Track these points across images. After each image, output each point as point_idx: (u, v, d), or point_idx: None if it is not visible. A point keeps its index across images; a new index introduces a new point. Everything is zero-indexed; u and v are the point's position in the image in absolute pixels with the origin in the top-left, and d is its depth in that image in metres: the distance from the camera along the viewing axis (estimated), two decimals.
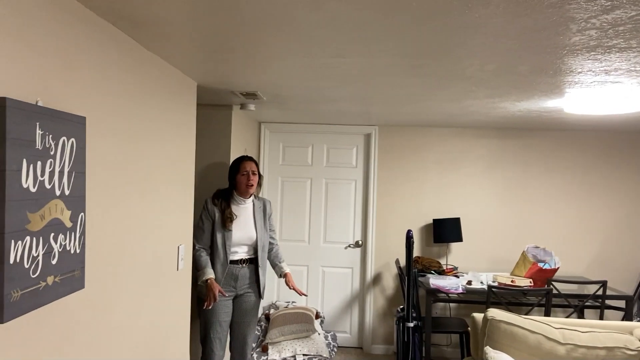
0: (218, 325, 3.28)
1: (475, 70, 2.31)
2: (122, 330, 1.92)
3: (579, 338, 2.67)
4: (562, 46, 1.88)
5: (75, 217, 1.49)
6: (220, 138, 3.71)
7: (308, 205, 5.12)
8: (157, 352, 2.30)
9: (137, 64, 2.00)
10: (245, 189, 3.33)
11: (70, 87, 1.51)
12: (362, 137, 5.06)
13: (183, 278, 2.66)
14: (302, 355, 4.36)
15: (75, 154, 1.48)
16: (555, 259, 4.24)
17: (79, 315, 1.59)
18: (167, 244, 2.40)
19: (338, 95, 3.15)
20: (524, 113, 3.71)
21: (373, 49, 1.99)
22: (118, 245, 1.87)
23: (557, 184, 4.91)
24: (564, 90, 2.77)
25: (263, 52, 2.12)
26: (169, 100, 2.38)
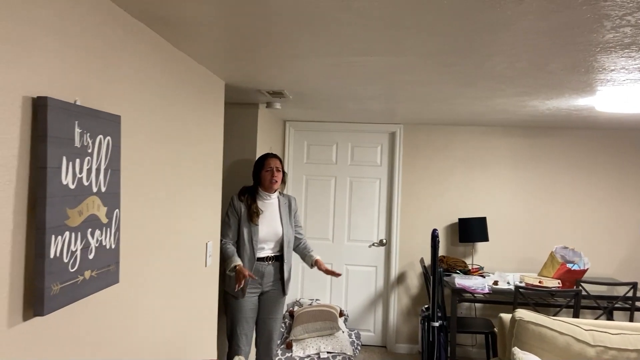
0: (244, 321, 3.32)
1: (504, 68, 2.29)
2: (153, 324, 1.96)
3: (610, 340, 2.62)
4: (595, 44, 1.85)
5: (111, 214, 1.53)
6: (246, 136, 3.75)
7: (332, 203, 5.13)
8: (186, 346, 2.34)
9: (169, 63, 2.04)
10: (270, 185, 3.37)
11: (106, 86, 1.55)
12: (386, 135, 5.05)
13: (211, 274, 2.70)
14: (326, 353, 4.37)
15: (111, 151, 1.52)
16: (584, 260, 4.17)
17: (113, 309, 1.63)
18: (196, 241, 2.44)
19: (364, 94, 3.15)
20: (553, 111, 3.65)
21: (402, 47, 1.99)
22: (149, 241, 1.91)
23: (586, 183, 4.82)
24: (595, 88, 2.72)
25: (291, 51, 2.14)
26: (198, 99, 2.41)
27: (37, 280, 1.22)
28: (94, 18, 1.47)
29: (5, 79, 1.13)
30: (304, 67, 2.43)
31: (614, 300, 4.07)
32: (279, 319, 3.53)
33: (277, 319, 3.50)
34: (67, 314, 1.37)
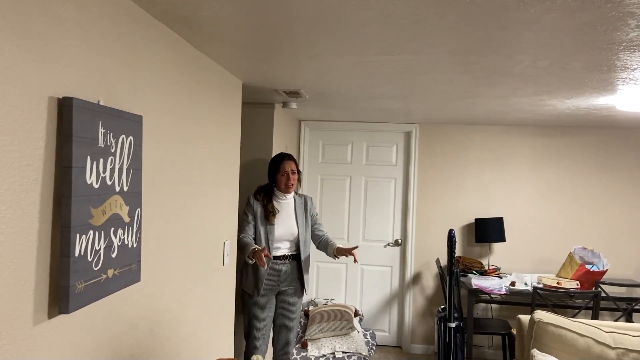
0: (261, 320, 3.33)
1: (526, 66, 2.26)
2: (172, 323, 1.98)
3: (630, 342, 2.58)
4: (618, 42, 1.82)
5: (133, 213, 1.54)
6: (262, 136, 3.76)
7: (347, 203, 5.12)
8: (204, 344, 2.35)
9: (188, 64, 2.05)
10: (286, 189, 3.38)
11: (128, 86, 1.56)
12: (402, 135, 5.02)
13: (228, 273, 2.71)
14: (342, 353, 4.37)
15: (133, 151, 1.53)
16: (603, 261, 4.11)
17: (134, 307, 1.65)
18: (214, 240, 2.45)
19: (382, 93, 3.14)
20: (572, 110, 3.61)
21: (423, 46, 1.98)
22: (169, 241, 1.92)
23: (604, 183, 4.75)
24: (616, 87, 2.68)
25: (310, 50, 2.14)
26: (216, 100, 2.42)
27: (62, 279, 1.23)
28: (116, 19, 1.48)
29: (32, 80, 1.14)
30: (323, 66, 2.42)
31: (633, 302, 4.01)
32: (296, 318, 3.54)
33: (294, 318, 3.50)
34: (90, 312, 1.39)
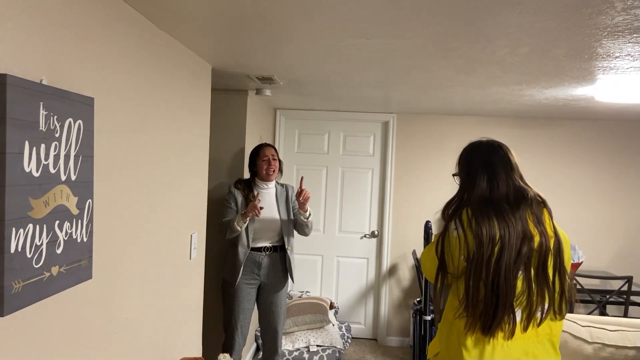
0: (241, 312, 3.26)
1: (506, 53, 2.18)
2: (132, 322, 1.85)
3: (607, 337, 2.54)
4: (603, 27, 1.74)
5: (82, 204, 1.41)
6: (235, 124, 3.62)
7: (324, 194, 5.02)
8: (168, 344, 2.23)
9: (150, 45, 1.91)
10: (267, 174, 3.32)
11: (78, 65, 1.42)
12: (379, 124, 4.93)
13: (196, 267, 2.59)
14: (316, 346, 4.29)
15: (83, 136, 1.39)
16: (578, 253, 4.10)
17: (86, 307, 1.52)
18: (180, 233, 2.33)
19: (360, 80, 3.03)
20: (550, 101, 3.56)
21: (401, 28, 1.87)
22: (128, 234, 1.79)
23: (581, 175, 4.74)
24: (596, 76, 2.62)
25: (282, 32, 2.01)
26: (183, 84, 2.29)
27: None
28: None
29: None
30: (296, 50, 2.30)
31: (608, 294, 4.01)
32: (282, 312, 3.43)
33: (280, 313, 3.40)
34: (32, 314, 1.26)
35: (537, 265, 1.65)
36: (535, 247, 1.64)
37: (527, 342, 1.68)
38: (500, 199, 1.69)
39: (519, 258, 1.62)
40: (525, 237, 1.64)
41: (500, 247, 1.62)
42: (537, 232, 1.66)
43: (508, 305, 1.61)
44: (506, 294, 1.60)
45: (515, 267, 1.62)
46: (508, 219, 1.64)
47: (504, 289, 1.60)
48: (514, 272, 1.62)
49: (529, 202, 1.70)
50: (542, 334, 1.71)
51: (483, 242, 1.62)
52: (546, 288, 1.65)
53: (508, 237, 1.62)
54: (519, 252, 1.62)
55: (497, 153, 1.80)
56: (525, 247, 1.62)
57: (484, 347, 1.65)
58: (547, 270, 1.65)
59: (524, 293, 1.63)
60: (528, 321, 1.65)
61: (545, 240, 1.66)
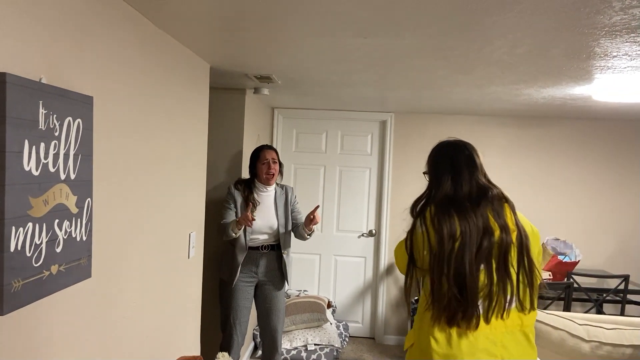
0: (238, 310, 3.26)
1: (504, 53, 2.19)
2: (130, 320, 1.85)
3: (604, 335, 2.56)
4: (601, 26, 1.75)
5: (82, 203, 1.41)
6: (232, 123, 3.61)
7: (321, 193, 5.02)
8: (166, 342, 2.23)
9: (149, 44, 1.91)
10: (267, 178, 3.29)
11: (77, 64, 1.42)
12: (377, 124, 4.94)
13: (195, 266, 2.59)
14: (314, 345, 4.30)
15: (82, 135, 1.39)
16: (575, 252, 4.12)
17: (85, 305, 1.52)
18: (178, 231, 2.33)
19: (357, 79, 3.03)
20: (548, 100, 3.57)
21: (398, 28, 1.88)
22: (127, 233, 1.79)
23: (580, 174, 4.76)
24: (593, 76, 2.63)
25: (280, 32, 2.02)
26: (182, 83, 2.28)
27: None
28: None
29: None
30: (295, 49, 2.30)
31: (605, 293, 4.03)
32: (281, 311, 3.43)
33: (279, 311, 3.39)
34: (31, 313, 1.26)
35: (498, 258, 1.71)
36: (496, 240, 1.71)
37: (494, 332, 1.72)
38: (462, 197, 1.78)
39: (480, 252, 1.69)
40: (486, 232, 1.70)
41: (460, 243, 1.69)
42: (497, 227, 1.73)
43: (470, 298, 1.67)
44: (468, 287, 1.67)
45: (476, 261, 1.69)
46: (469, 215, 1.72)
47: (465, 282, 1.67)
48: (475, 266, 1.68)
49: (490, 199, 1.78)
50: (511, 324, 1.75)
51: (444, 239, 1.70)
52: (508, 280, 1.71)
53: (469, 233, 1.69)
54: (479, 246, 1.69)
55: (462, 153, 1.90)
56: (486, 242, 1.69)
57: (451, 337, 1.71)
58: (508, 263, 1.71)
59: (486, 286, 1.69)
60: (491, 313, 1.70)
61: (506, 234, 1.72)
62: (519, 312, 1.74)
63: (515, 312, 1.74)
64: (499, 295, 1.70)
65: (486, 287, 1.69)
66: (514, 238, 1.74)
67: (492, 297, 1.69)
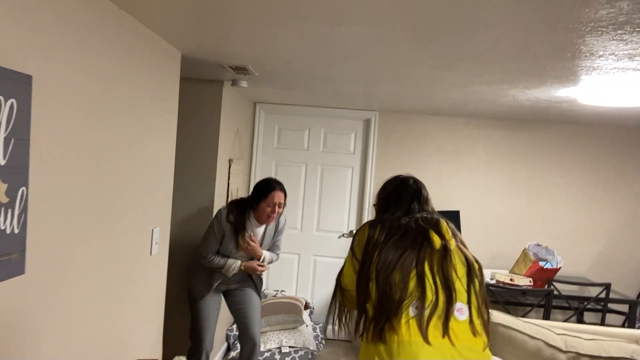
0: (207, 321, 3.13)
1: (486, 48, 2.09)
2: (77, 320, 1.72)
3: (582, 346, 2.47)
4: (586, 21, 1.65)
5: (14, 192, 1.28)
6: (208, 115, 3.48)
7: (302, 191, 4.91)
8: (121, 344, 2.10)
9: (110, 26, 1.77)
10: (266, 220, 3.05)
11: (14, 40, 1.29)
12: (361, 122, 4.83)
13: (158, 264, 2.46)
14: (288, 347, 4.18)
15: (16, 117, 1.26)
16: (557, 258, 4.04)
17: (18, 304, 1.39)
18: (139, 226, 2.20)
19: (338, 74, 2.92)
20: (533, 103, 3.48)
21: (376, 16, 1.76)
22: (74, 226, 1.66)
23: (563, 180, 4.69)
24: (579, 77, 2.54)
25: (253, 17, 1.90)
26: (148, 69, 2.15)
27: None
28: None
29: None
30: (269, 37, 2.18)
31: (585, 301, 3.96)
32: (257, 312, 3.28)
33: (255, 312, 3.25)
34: None
35: (437, 264, 1.64)
36: (437, 247, 1.66)
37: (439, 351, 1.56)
38: (399, 217, 1.78)
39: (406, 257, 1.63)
40: (415, 241, 1.67)
41: (385, 251, 1.66)
42: (438, 238, 1.69)
43: (397, 302, 1.58)
44: (393, 293, 1.59)
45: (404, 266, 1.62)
46: (396, 227, 1.72)
47: (390, 289, 1.60)
48: (402, 271, 1.62)
49: (428, 217, 1.77)
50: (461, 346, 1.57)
51: (369, 248, 1.71)
52: (452, 291, 1.61)
53: (395, 243, 1.67)
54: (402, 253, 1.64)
55: (409, 186, 1.94)
56: (416, 248, 1.65)
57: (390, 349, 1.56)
58: (447, 270, 1.64)
59: (416, 289, 1.60)
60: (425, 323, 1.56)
61: (446, 244, 1.68)
62: (469, 330, 1.58)
63: (466, 327, 1.58)
64: (440, 301, 1.58)
65: (419, 291, 1.59)
66: (453, 248, 1.70)
67: (428, 301, 1.58)
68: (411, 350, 1.52)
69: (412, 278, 1.60)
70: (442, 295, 1.59)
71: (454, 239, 1.74)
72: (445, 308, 1.57)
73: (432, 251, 1.65)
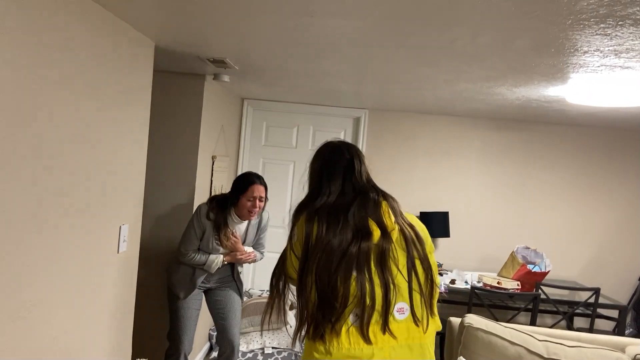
0: (187, 322, 3.06)
1: (466, 43, 2.00)
2: (30, 322, 1.63)
3: (565, 353, 2.39)
4: (566, 13, 1.57)
5: None
6: (189, 110, 3.39)
7: (290, 189, 4.83)
8: (83, 348, 2.01)
9: (73, 12, 1.69)
10: (247, 215, 2.95)
11: None
12: (351, 120, 4.75)
13: (126, 262, 2.37)
14: (271, 348, 4.10)
15: None
16: (546, 262, 3.96)
17: None
18: (104, 223, 2.11)
19: (319, 69, 2.84)
20: (522, 102, 3.40)
21: (346, 7, 1.68)
22: (27, 223, 1.57)
23: (554, 181, 4.61)
24: (567, 74, 2.46)
25: (226, 6, 1.81)
26: (116, 60, 2.07)
27: None
28: None
29: None
30: (244, 26, 2.10)
31: (574, 306, 3.88)
32: (238, 321, 3.20)
33: (236, 321, 3.17)
34: None
35: (376, 263, 1.56)
36: (376, 242, 1.57)
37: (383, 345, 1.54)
38: (333, 203, 1.65)
39: (349, 259, 1.54)
40: (355, 237, 1.56)
41: (325, 251, 1.56)
42: (376, 228, 1.58)
43: (337, 309, 1.52)
44: (333, 298, 1.52)
45: (344, 269, 1.54)
46: (334, 222, 1.59)
47: (330, 293, 1.53)
48: (342, 275, 1.53)
49: (366, 202, 1.63)
50: (403, 338, 1.57)
51: (309, 247, 1.59)
52: (391, 287, 1.55)
53: (335, 241, 1.56)
54: (345, 253, 1.55)
55: (341, 156, 1.76)
56: (354, 248, 1.55)
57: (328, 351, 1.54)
58: (387, 268, 1.56)
59: (359, 295, 1.53)
60: (367, 324, 1.53)
61: (385, 236, 1.58)
62: (410, 322, 1.57)
63: (406, 323, 1.56)
64: (383, 306, 1.53)
65: (358, 297, 1.52)
66: (395, 238, 1.59)
67: (367, 307, 1.52)
68: (351, 355, 1.51)
69: (352, 282, 1.53)
70: (380, 299, 1.53)
71: (396, 221, 1.62)
72: (383, 311, 1.54)
73: (371, 247, 1.56)
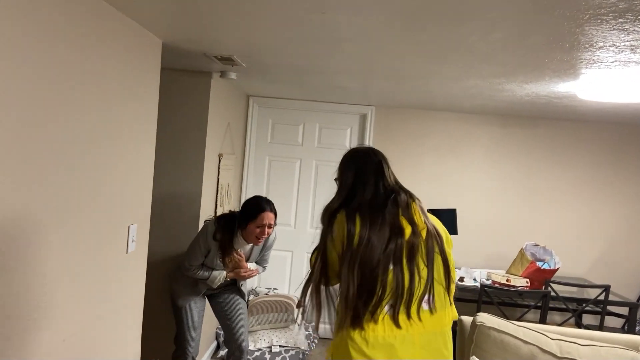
0: (192, 327, 3.05)
1: (478, 39, 1.97)
2: (41, 322, 1.62)
3: (578, 352, 2.36)
4: (584, 8, 1.54)
5: None
6: (196, 108, 3.37)
7: (296, 187, 4.81)
8: (94, 348, 2.00)
9: (80, 11, 1.67)
10: (254, 240, 2.93)
11: None
12: (357, 117, 4.72)
13: (135, 263, 2.36)
14: (279, 347, 4.09)
15: None
16: (555, 259, 3.93)
17: None
18: (114, 223, 2.09)
19: (327, 66, 2.81)
20: (532, 98, 3.37)
21: (359, 3, 1.65)
22: (36, 224, 1.56)
23: (563, 178, 4.57)
24: (579, 70, 2.43)
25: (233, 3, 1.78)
26: (124, 58, 2.05)
27: None
28: None
29: None
30: (252, 25, 2.07)
31: (584, 303, 3.85)
32: (245, 322, 3.19)
33: (243, 322, 3.16)
34: None
35: (408, 258, 1.71)
36: (406, 239, 1.72)
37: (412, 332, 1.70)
38: (369, 203, 1.79)
39: (387, 253, 1.70)
40: (394, 233, 1.72)
41: (367, 246, 1.70)
42: (407, 225, 1.74)
43: (377, 300, 1.67)
44: (374, 289, 1.67)
45: (383, 262, 1.69)
46: (376, 218, 1.74)
47: (372, 284, 1.67)
48: (382, 268, 1.69)
49: (398, 201, 1.80)
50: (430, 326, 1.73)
51: (352, 243, 1.71)
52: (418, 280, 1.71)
53: (376, 238, 1.70)
54: (386, 248, 1.70)
55: (370, 160, 1.93)
56: (393, 243, 1.70)
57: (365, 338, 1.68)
58: (417, 262, 1.71)
59: (394, 286, 1.69)
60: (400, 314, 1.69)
61: (415, 233, 1.73)
62: (434, 311, 1.73)
63: (430, 312, 1.73)
64: (410, 295, 1.69)
65: (394, 288, 1.68)
66: (424, 235, 1.75)
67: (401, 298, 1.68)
68: (386, 342, 1.67)
69: (389, 274, 1.68)
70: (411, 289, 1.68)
71: (425, 221, 1.78)
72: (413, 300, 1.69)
73: (404, 243, 1.70)
